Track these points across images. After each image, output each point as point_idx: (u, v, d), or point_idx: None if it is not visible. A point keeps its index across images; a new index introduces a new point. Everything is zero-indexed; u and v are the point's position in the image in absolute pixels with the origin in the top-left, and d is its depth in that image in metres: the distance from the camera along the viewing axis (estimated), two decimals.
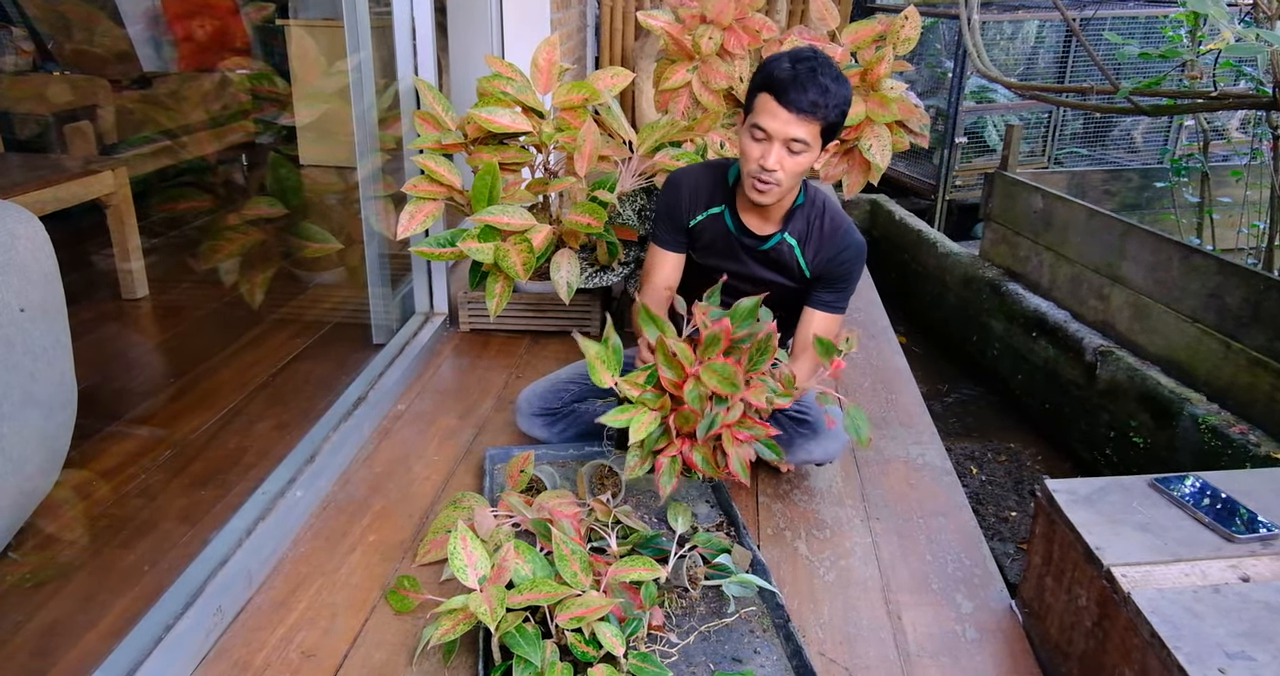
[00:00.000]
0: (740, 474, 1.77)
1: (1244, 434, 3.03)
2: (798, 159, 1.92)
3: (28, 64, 3.60)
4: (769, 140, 1.91)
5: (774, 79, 1.88)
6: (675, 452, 1.80)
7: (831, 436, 2.12)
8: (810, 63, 1.88)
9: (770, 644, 1.65)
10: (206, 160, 3.54)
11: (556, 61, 2.63)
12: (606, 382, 1.85)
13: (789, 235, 2.09)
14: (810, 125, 1.88)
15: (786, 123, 1.88)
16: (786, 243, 2.10)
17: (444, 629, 1.50)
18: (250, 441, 2.33)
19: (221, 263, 3.13)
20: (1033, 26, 6.63)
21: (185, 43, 3.92)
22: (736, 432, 1.78)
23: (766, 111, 1.89)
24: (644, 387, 1.82)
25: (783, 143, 1.90)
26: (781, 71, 1.88)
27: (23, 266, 1.64)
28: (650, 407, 1.80)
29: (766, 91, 1.89)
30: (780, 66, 1.89)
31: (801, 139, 1.89)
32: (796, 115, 1.87)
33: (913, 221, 5.66)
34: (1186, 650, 1.30)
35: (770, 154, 1.91)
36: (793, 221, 2.09)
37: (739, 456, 1.77)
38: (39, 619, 1.69)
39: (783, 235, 2.09)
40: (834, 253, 2.09)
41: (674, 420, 1.79)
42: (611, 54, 5.58)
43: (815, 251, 2.09)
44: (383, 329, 2.88)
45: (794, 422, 2.15)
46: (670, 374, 1.78)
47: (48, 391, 1.73)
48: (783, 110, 1.87)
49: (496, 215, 2.46)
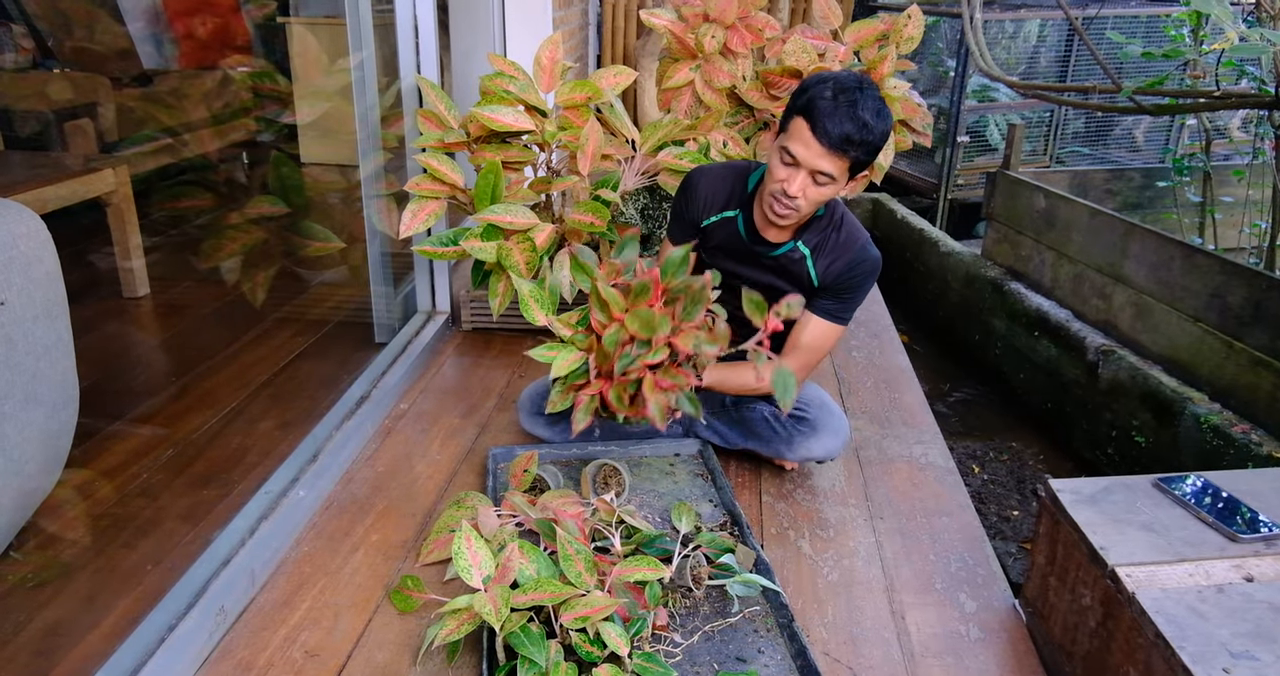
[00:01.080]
0: (657, 419, 1.76)
1: (1246, 433, 3.03)
2: (822, 190, 1.88)
3: (28, 61, 3.59)
4: (796, 166, 1.86)
5: (813, 106, 1.82)
6: (593, 391, 1.82)
7: (831, 433, 2.12)
8: (853, 94, 1.81)
9: (774, 643, 1.64)
10: (208, 158, 3.53)
11: (559, 60, 2.63)
12: (539, 320, 1.91)
13: (802, 244, 2.05)
14: (839, 161, 1.84)
15: (817, 155, 1.83)
16: (799, 251, 2.05)
17: (448, 628, 1.50)
18: (252, 440, 2.32)
19: (223, 261, 3.13)
20: (1034, 25, 6.62)
21: (186, 40, 3.92)
22: (659, 379, 1.78)
23: (800, 138, 1.84)
24: (575, 328, 1.87)
25: (810, 173, 1.86)
26: (823, 100, 1.81)
27: (24, 265, 1.64)
28: (578, 347, 1.85)
29: (803, 117, 1.84)
30: (822, 94, 1.83)
31: (828, 173, 1.84)
32: (827, 149, 1.82)
33: (915, 220, 5.65)
34: (1191, 650, 1.30)
35: (795, 181, 1.87)
36: (808, 232, 2.05)
37: (656, 402, 1.76)
38: (41, 619, 1.69)
39: (795, 244, 2.05)
40: (847, 267, 2.04)
41: (594, 358, 1.83)
42: (613, 52, 5.58)
43: (828, 264, 2.04)
44: (385, 328, 2.88)
45: (794, 421, 2.15)
46: (600, 316, 1.81)
47: (50, 390, 1.73)
48: (815, 141, 1.82)
49: (499, 214, 2.45)
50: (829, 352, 2.18)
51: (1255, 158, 4.42)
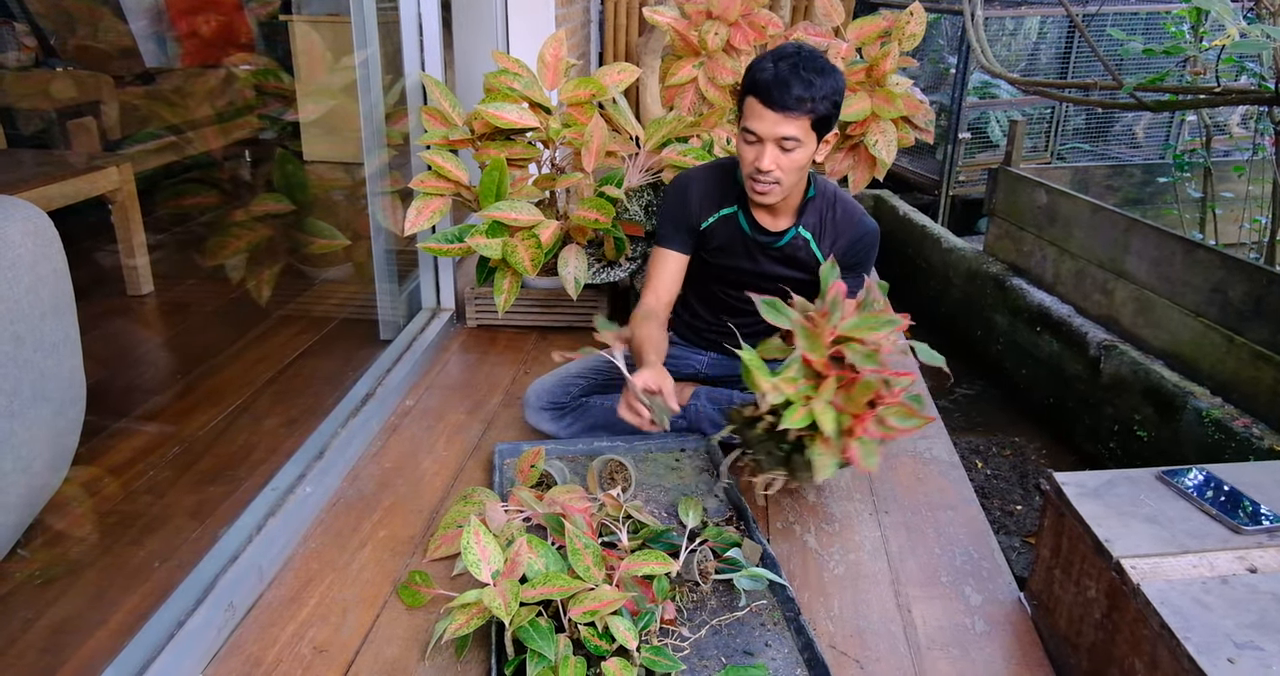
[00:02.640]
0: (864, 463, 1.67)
1: (1247, 427, 3.03)
2: (793, 156, 1.92)
3: (31, 60, 3.59)
4: (760, 142, 1.92)
5: (757, 81, 1.88)
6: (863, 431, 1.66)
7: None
8: (792, 59, 1.87)
9: (781, 637, 1.65)
10: (212, 156, 3.53)
11: (563, 57, 2.63)
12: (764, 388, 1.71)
13: (803, 229, 2.10)
14: (799, 121, 1.88)
15: (774, 123, 1.88)
16: (801, 236, 2.10)
17: (458, 623, 1.51)
18: (258, 437, 2.33)
19: (227, 259, 3.13)
20: (1035, 22, 6.62)
21: (189, 38, 3.92)
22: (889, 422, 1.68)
23: (754, 114, 1.90)
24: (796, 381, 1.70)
25: (774, 143, 1.90)
26: (763, 72, 1.88)
27: (32, 262, 1.64)
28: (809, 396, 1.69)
29: (751, 94, 1.90)
30: (762, 67, 1.89)
31: (792, 136, 1.89)
32: (782, 114, 1.87)
33: (917, 217, 5.65)
34: (1196, 641, 1.30)
35: (764, 156, 1.91)
36: (805, 215, 2.10)
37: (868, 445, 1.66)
38: (49, 616, 1.69)
39: (797, 230, 2.10)
40: (849, 242, 2.10)
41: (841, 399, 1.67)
42: (615, 49, 5.58)
43: (831, 242, 2.10)
44: (390, 325, 2.89)
45: None
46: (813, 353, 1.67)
47: (57, 388, 1.73)
48: (768, 111, 1.87)
49: (504, 211, 2.46)
50: None
51: (1255, 153, 4.42)
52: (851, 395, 1.68)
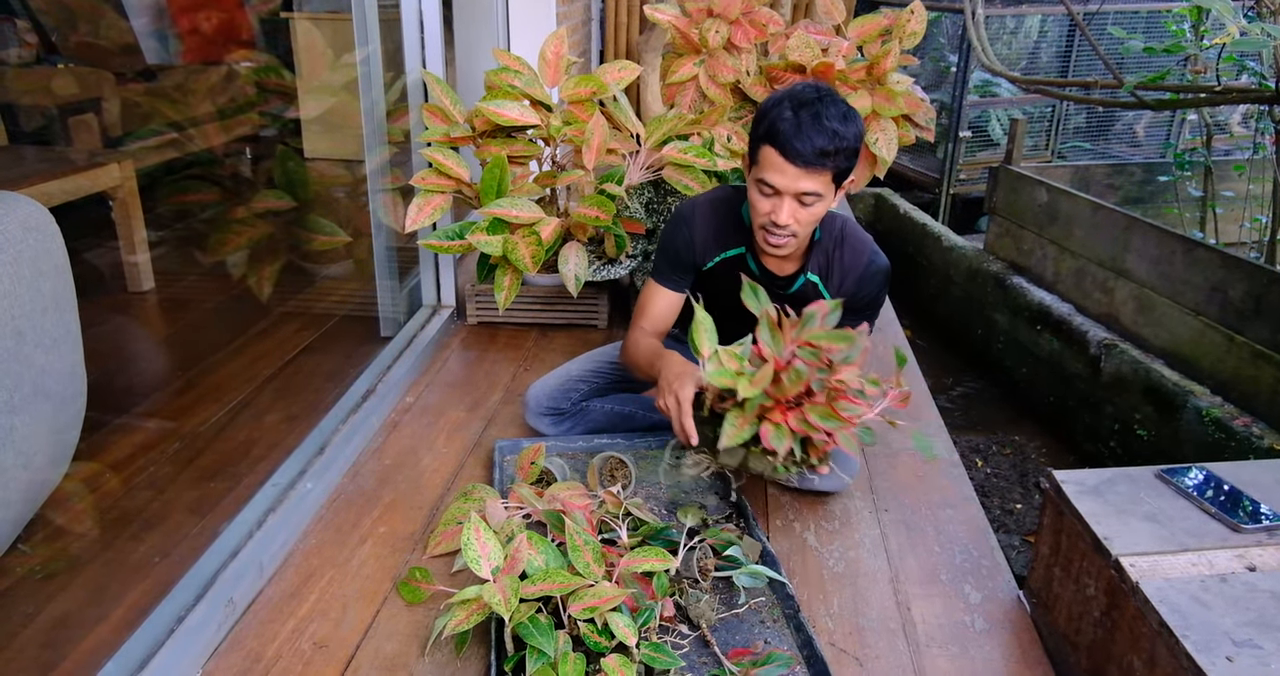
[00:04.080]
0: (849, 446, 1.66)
1: (1247, 426, 3.04)
2: (812, 210, 1.80)
3: (32, 56, 3.59)
4: (778, 195, 1.79)
5: (776, 131, 1.73)
6: (780, 419, 1.67)
7: (842, 467, 2.06)
8: (814, 107, 1.73)
9: (780, 634, 1.65)
10: (212, 153, 3.53)
11: (564, 55, 2.64)
12: (704, 352, 1.72)
13: (811, 273, 1.99)
14: (820, 175, 1.75)
15: (795, 178, 1.75)
16: (810, 281, 1.99)
17: (457, 619, 1.51)
18: (259, 434, 2.33)
19: (228, 255, 3.13)
20: (1036, 21, 6.63)
21: (190, 35, 3.92)
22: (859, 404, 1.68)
23: (772, 166, 1.76)
24: (741, 361, 1.71)
25: (793, 197, 1.78)
26: (783, 122, 1.73)
27: (33, 258, 1.64)
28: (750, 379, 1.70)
29: (769, 144, 1.75)
30: (782, 116, 1.74)
31: (813, 191, 1.77)
32: (804, 169, 1.73)
33: (917, 215, 5.66)
34: (1194, 639, 1.31)
35: (781, 210, 1.79)
36: (813, 256, 1.98)
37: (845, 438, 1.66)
38: (49, 611, 1.70)
39: (805, 276, 1.99)
40: (857, 284, 1.98)
41: (773, 389, 1.67)
42: (616, 48, 5.57)
43: (839, 284, 1.99)
44: (390, 321, 2.89)
45: None
46: (772, 347, 1.67)
47: (58, 383, 1.73)
48: (789, 165, 1.74)
49: (505, 208, 2.46)
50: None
51: (1256, 152, 4.43)
52: (781, 384, 1.66)
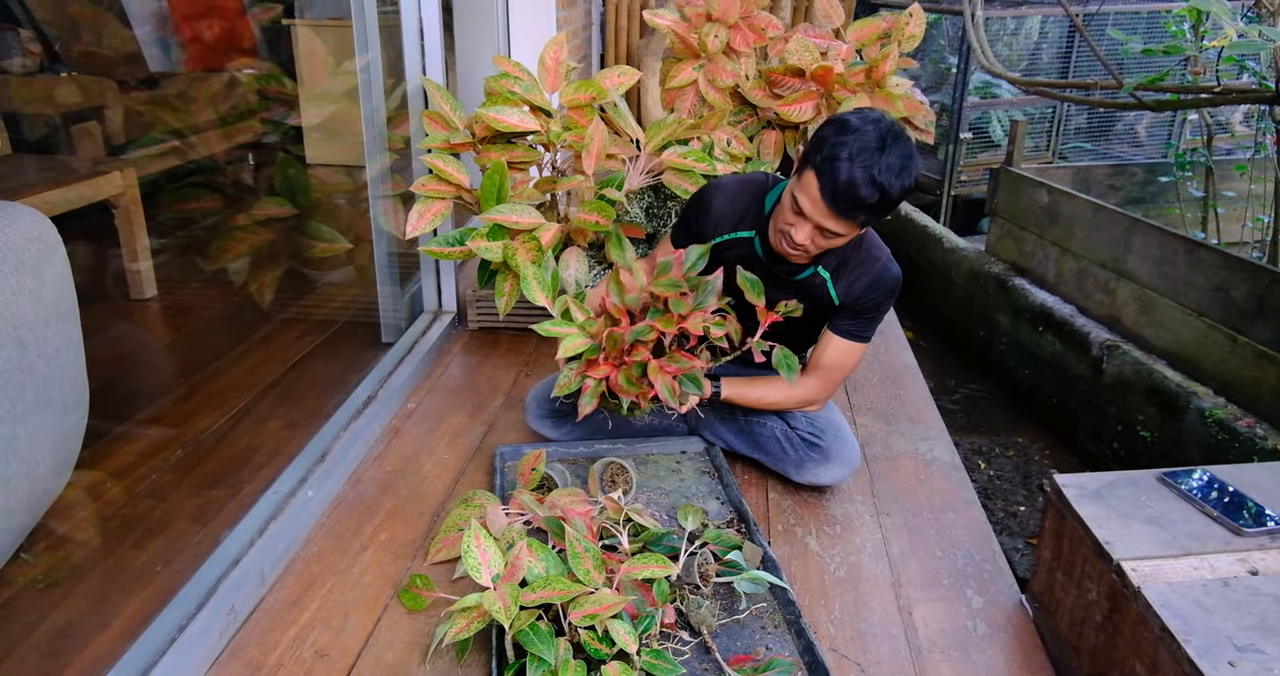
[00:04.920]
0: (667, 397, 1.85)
1: (1251, 427, 3.03)
2: (829, 242, 1.84)
3: (35, 65, 3.60)
4: (803, 216, 1.79)
5: (827, 165, 1.71)
6: (601, 375, 1.89)
7: (841, 463, 2.10)
8: (872, 158, 1.69)
9: (782, 640, 1.65)
10: (214, 160, 3.54)
11: (564, 60, 2.64)
12: (540, 300, 2.00)
13: (822, 269, 2.00)
14: (849, 223, 1.77)
15: (823, 216, 1.76)
16: (820, 276, 2.00)
17: (458, 627, 1.51)
18: (261, 441, 2.33)
19: (230, 263, 3.14)
20: (1036, 22, 6.62)
21: (192, 44, 3.93)
22: (664, 365, 1.87)
23: (809, 194, 1.76)
24: (588, 313, 1.95)
25: (817, 227, 1.80)
26: (837, 163, 1.70)
27: (35, 268, 1.65)
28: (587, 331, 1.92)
29: (816, 173, 1.74)
30: (839, 155, 1.70)
31: (835, 231, 1.79)
32: (834, 213, 1.75)
33: (919, 217, 5.65)
34: (1197, 643, 1.30)
35: (802, 232, 1.81)
36: (829, 255, 1.98)
37: (664, 383, 1.85)
38: (52, 619, 1.70)
39: (816, 269, 2.00)
40: (868, 287, 1.99)
41: (604, 340, 1.87)
42: (617, 52, 5.58)
43: (850, 284, 2.00)
44: (392, 328, 2.89)
45: (806, 445, 2.12)
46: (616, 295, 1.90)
47: (60, 393, 1.74)
48: (823, 203, 1.74)
49: (505, 214, 2.46)
50: (852, 370, 2.14)
51: (1257, 152, 4.42)
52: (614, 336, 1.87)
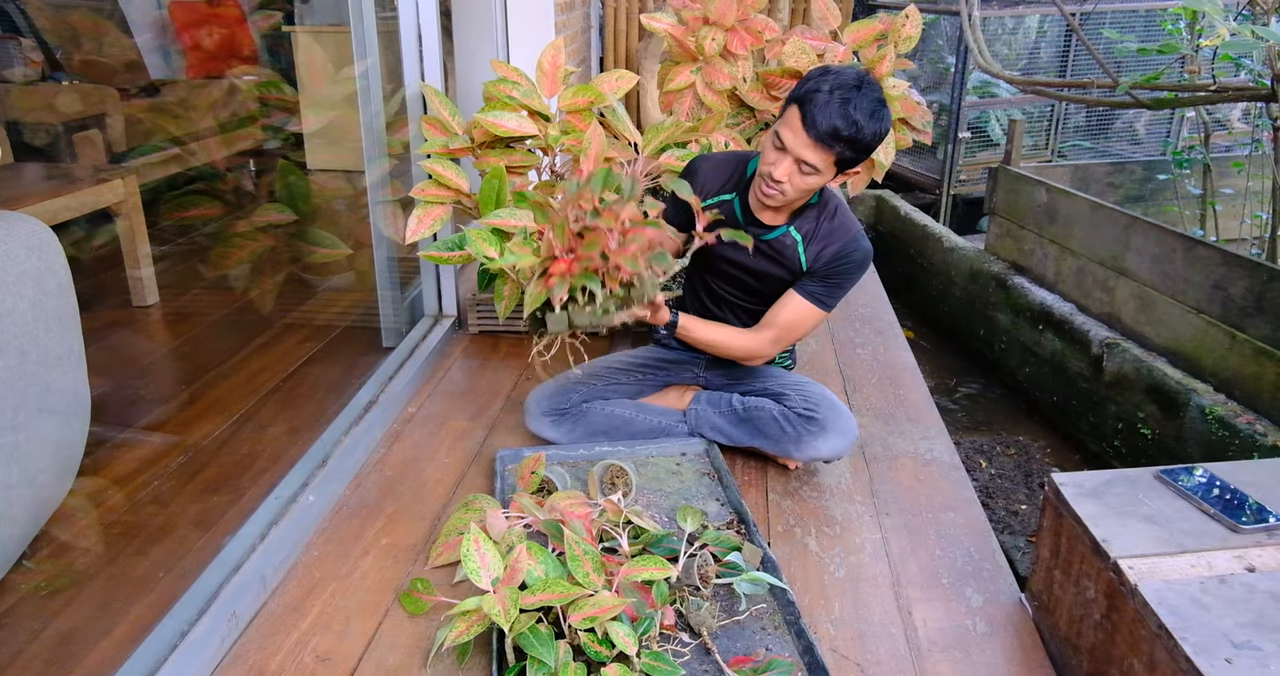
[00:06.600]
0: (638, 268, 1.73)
1: (1251, 424, 3.03)
2: (807, 179, 1.94)
3: (37, 74, 3.62)
4: (784, 152, 1.92)
5: (808, 97, 1.86)
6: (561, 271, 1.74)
7: (839, 433, 2.13)
8: (849, 93, 1.85)
9: (782, 641, 1.66)
10: (215, 167, 3.56)
11: (562, 65, 2.65)
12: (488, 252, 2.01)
13: (795, 230, 2.11)
14: (825, 153, 1.88)
15: (803, 145, 1.88)
16: (791, 236, 2.12)
17: (458, 630, 1.52)
18: (262, 446, 2.34)
19: (231, 269, 3.15)
20: (1034, 21, 6.63)
21: (193, 51, 3.95)
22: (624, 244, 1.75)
23: (790, 125, 1.89)
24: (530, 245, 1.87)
25: (795, 160, 1.91)
26: (818, 93, 1.85)
27: (36, 276, 1.66)
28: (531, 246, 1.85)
29: (798, 105, 1.88)
30: (819, 87, 1.86)
31: (813, 164, 1.90)
32: (813, 141, 1.87)
33: (918, 216, 5.66)
34: (1193, 641, 1.31)
35: (781, 166, 1.93)
36: (802, 218, 2.12)
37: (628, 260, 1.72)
38: (54, 626, 1.71)
39: (788, 229, 2.12)
40: (835, 256, 2.10)
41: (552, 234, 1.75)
42: (615, 55, 5.59)
43: (819, 250, 2.11)
44: (392, 332, 2.90)
45: (802, 420, 2.16)
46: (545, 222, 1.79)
47: (62, 401, 1.75)
48: (803, 131, 1.87)
49: (504, 218, 2.47)
50: (804, 336, 2.23)
51: (1255, 149, 4.42)
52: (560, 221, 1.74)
